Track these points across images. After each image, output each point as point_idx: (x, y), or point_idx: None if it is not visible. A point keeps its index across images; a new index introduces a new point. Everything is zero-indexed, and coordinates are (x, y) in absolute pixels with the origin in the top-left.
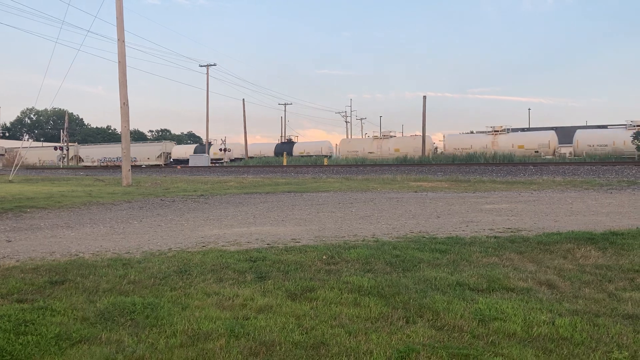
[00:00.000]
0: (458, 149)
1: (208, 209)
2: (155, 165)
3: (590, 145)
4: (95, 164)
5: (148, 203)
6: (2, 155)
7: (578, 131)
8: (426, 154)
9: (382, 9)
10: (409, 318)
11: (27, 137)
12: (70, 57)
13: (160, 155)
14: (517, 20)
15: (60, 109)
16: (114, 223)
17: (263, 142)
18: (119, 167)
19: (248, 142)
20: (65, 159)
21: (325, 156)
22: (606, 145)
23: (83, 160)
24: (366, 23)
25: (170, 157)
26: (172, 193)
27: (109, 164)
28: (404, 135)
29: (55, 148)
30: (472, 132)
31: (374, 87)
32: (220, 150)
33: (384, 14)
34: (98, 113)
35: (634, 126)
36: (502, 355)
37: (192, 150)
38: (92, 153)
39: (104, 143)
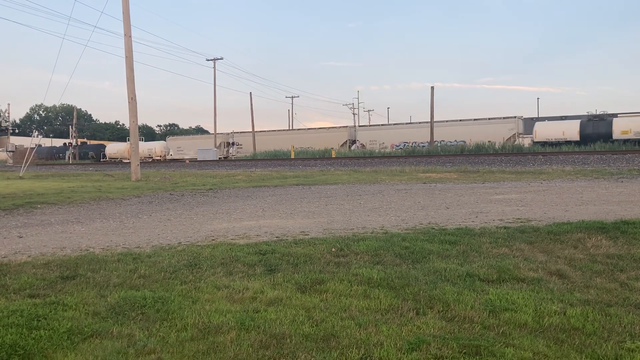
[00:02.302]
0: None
1: (217, 202)
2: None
3: None
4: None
5: (157, 197)
6: (13, 151)
7: None
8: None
9: None
10: (419, 309)
11: (36, 133)
12: (78, 53)
13: (513, 136)
14: (524, 8)
15: (68, 105)
16: (123, 218)
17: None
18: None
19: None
20: (74, 155)
21: None
22: None
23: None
24: (372, 14)
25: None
26: (181, 187)
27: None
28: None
29: (65, 144)
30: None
31: (381, 79)
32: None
33: (390, 4)
34: (106, 108)
35: None
36: (514, 346)
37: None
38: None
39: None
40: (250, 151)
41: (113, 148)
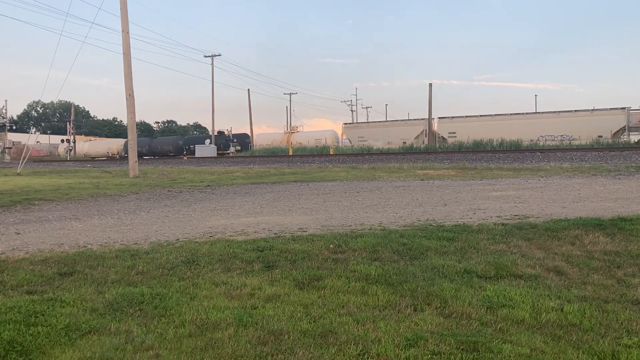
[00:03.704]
0: None
1: (215, 199)
2: None
3: None
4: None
5: (155, 194)
6: (10, 148)
7: None
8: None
9: None
10: (417, 306)
11: (34, 129)
12: (75, 49)
13: None
14: (522, 5)
15: (66, 102)
16: (121, 214)
17: None
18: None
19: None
20: (73, 151)
21: None
22: None
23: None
24: (370, 11)
25: None
26: (179, 184)
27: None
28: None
29: (62, 141)
30: None
31: (379, 76)
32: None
33: (389, 1)
34: (104, 105)
35: None
36: (511, 342)
37: None
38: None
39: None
40: (465, 140)
41: (266, 138)
